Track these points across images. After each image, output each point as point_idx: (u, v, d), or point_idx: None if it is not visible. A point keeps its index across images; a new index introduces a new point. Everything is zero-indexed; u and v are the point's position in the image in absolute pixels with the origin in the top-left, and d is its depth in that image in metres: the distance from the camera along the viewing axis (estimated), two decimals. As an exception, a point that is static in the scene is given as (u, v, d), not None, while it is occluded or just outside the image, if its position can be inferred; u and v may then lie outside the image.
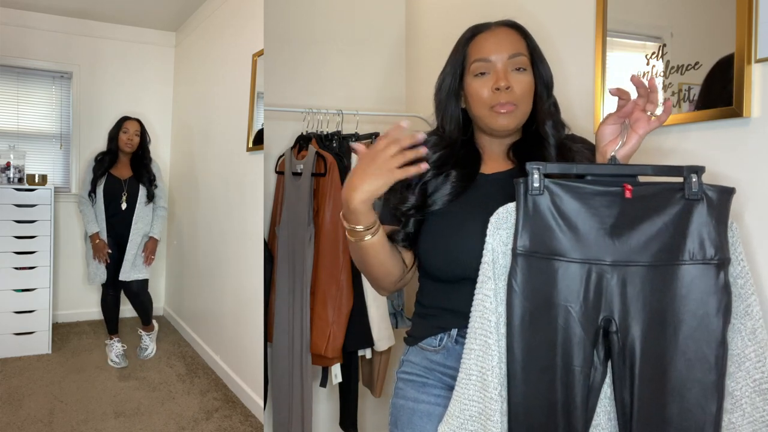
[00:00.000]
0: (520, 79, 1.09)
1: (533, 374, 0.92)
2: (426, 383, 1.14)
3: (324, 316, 2.05)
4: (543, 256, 0.92)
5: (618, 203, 0.92)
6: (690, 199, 0.92)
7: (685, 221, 0.91)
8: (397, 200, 1.14)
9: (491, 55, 1.09)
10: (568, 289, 0.91)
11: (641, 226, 0.91)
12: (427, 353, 1.14)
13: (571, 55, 1.62)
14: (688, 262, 0.91)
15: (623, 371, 0.92)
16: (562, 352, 0.91)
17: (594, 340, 0.91)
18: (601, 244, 0.91)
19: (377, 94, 2.63)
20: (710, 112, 1.22)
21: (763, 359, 0.92)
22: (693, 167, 0.93)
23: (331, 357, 2.07)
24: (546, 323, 0.92)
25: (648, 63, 1.37)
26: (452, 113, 1.16)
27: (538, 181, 0.92)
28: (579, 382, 0.91)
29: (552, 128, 1.13)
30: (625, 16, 1.44)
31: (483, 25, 1.15)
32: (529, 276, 0.92)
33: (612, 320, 0.91)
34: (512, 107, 1.08)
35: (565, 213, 0.92)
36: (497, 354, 0.93)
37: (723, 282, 0.91)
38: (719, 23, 1.19)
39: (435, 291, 1.14)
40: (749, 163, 1.16)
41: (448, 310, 1.11)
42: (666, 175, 0.96)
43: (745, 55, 1.14)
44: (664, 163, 1.34)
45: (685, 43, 1.29)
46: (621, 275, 0.91)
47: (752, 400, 0.93)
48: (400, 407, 1.16)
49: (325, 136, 2.23)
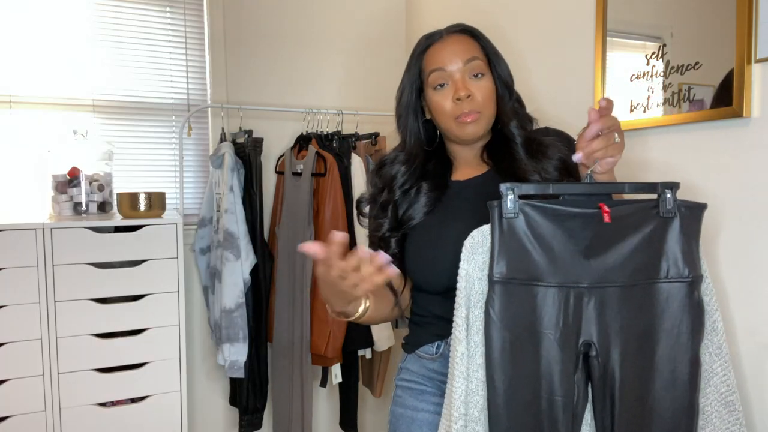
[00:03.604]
0: (479, 85, 1.08)
1: (517, 409, 0.89)
2: (424, 391, 1.13)
3: (324, 316, 2.06)
4: (521, 282, 0.89)
5: (593, 224, 0.89)
6: (664, 217, 0.90)
7: (660, 239, 0.90)
8: (372, 228, 1.14)
9: (447, 65, 1.08)
10: (547, 315, 0.88)
11: (617, 246, 0.89)
12: (425, 361, 1.14)
13: (571, 55, 1.62)
14: (664, 280, 0.89)
15: (603, 394, 0.90)
16: (546, 383, 0.89)
17: (575, 367, 0.89)
18: (577, 266, 0.89)
19: (377, 94, 2.63)
20: (710, 112, 1.22)
21: (728, 372, 0.92)
22: (668, 183, 0.90)
23: (331, 357, 2.07)
24: (527, 353, 0.89)
25: (648, 63, 1.37)
26: (411, 128, 1.15)
27: (512, 203, 0.89)
28: (563, 413, 0.89)
29: (516, 127, 1.11)
30: (625, 16, 1.44)
31: (435, 33, 1.13)
32: (507, 303, 0.89)
33: (592, 344, 0.89)
34: (476, 115, 1.07)
35: (541, 235, 0.89)
36: (463, 386, 0.90)
37: (697, 299, 0.90)
38: (719, 23, 1.19)
39: (427, 300, 1.13)
40: (749, 163, 1.16)
41: (443, 318, 1.10)
42: (642, 192, 0.94)
43: (745, 55, 1.14)
44: (663, 163, 1.34)
45: (685, 43, 1.28)
46: (598, 297, 0.88)
47: (719, 413, 0.93)
48: (399, 416, 1.16)
49: (325, 136, 2.24)
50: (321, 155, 2.12)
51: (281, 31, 2.45)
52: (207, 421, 2.42)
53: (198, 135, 2.37)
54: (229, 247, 2.06)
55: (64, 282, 1.76)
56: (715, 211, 1.22)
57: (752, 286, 1.17)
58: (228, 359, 2.06)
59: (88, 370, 1.81)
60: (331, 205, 2.08)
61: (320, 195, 2.11)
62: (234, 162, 2.10)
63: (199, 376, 2.39)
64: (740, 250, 1.19)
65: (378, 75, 2.65)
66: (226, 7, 2.34)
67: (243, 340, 2.07)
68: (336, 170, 2.10)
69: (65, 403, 1.79)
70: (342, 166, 2.14)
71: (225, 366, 2.08)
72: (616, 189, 0.95)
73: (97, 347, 1.81)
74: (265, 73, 2.43)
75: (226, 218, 2.07)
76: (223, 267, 2.06)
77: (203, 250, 2.30)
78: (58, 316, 1.76)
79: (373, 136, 2.33)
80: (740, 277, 1.19)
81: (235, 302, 2.06)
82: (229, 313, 2.05)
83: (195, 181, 2.39)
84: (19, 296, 1.72)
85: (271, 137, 2.40)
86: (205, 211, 2.27)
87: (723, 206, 1.21)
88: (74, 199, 1.96)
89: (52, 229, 1.75)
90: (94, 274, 1.80)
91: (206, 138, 2.39)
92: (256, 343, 2.18)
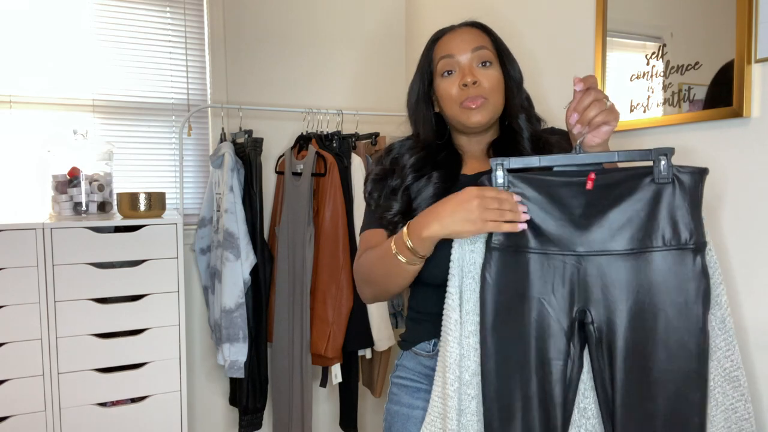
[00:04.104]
0: (486, 73, 1.09)
1: (508, 369, 0.91)
2: (420, 388, 1.13)
3: (324, 316, 2.06)
4: (516, 249, 0.92)
5: (583, 193, 0.90)
6: (660, 183, 0.89)
7: (655, 206, 0.89)
8: (382, 208, 1.13)
9: (455, 53, 1.09)
10: (542, 281, 0.91)
11: (610, 213, 0.89)
12: (421, 358, 1.14)
13: (571, 55, 1.62)
14: (662, 248, 0.88)
15: (602, 363, 0.90)
16: (537, 346, 0.90)
17: (570, 333, 0.90)
18: (571, 235, 0.90)
19: (377, 94, 2.63)
20: (710, 112, 1.22)
21: (732, 347, 0.91)
22: (662, 149, 0.89)
23: (331, 357, 2.07)
24: (520, 316, 0.91)
25: (648, 63, 1.37)
26: (425, 116, 1.16)
27: (502, 177, 0.92)
28: (555, 375, 0.90)
29: (525, 121, 1.12)
30: (625, 16, 1.44)
31: (446, 27, 1.15)
32: (502, 269, 0.92)
33: (587, 311, 0.90)
34: (482, 101, 1.08)
35: (533, 206, 0.92)
36: (457, 351, 0.93)
37: (700, 267, 0.88)
38: (719, 23, 1.19)
39: (426, 295, 1.13)
40: (749, 163, 1.16)
41: (440, 315, 1.10)
42: (635, 159, 0.93)
43: (745, 55, 1.14)
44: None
45: (685, 43, 1.28)
46: (594, 265, 0.90)
47: (723, 388, 0.91)
48: (395, 413, 1.16)
49: (325, 136, 2.24)
50: (321, 155, 2.12)
51: (281, 31, 2.45)
52: (207, 421, 2.42)
53: (198, 135, 2.37)
54: (229, 247, 2.06)
55: (64, 282, 1.76)
56: (715, 210, 1.22)
57: (752, 284, 1.17)
58: (228, 359, 2.06)
59: (88, 370, 1.81)
60: (331, 205, 2.08)
61: (320, 195, 2.11)
62: (234, 162, 2.10)
63: (199, 376, 2.40)
64: (740, 250, 1.19)
65: (378, 75, 2.65)
66: (226, 7, 2.35)
67: (243, 340, 2.07)
68: (336, 170, 2.10)
69: (65, 403, 1.79)
70: (342, 166, 2.14)
71: (225, 366, 2.08)
72: (607, 158, 0.93)
73: (97, 347, 1.81)
74: (265, 73, 2.43)
75: (226, 218, 2.07)
76: (223, 267, 2.06)
77: (203, 250, 2.30)
78: (58, 316, 1.76)
79: (373, 136, 2.33)
80: (741, 276, 1.19)
81: (235, 302, 2.06)
82: (229, 313, 2.05)
83: (195, 181, 2.39)
84: (19, 296, 1.72)
85: (271, 137, 2.40)
86: (205, 211, 2.27)
87: (723, 206, 1.21)
88: (74, 199, 1.96)
89: (52, 229, 1.75)
90: (94, 274, 1.80)
91: (206, 138, 2.39)
92: (256, 343, 2.18)
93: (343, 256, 2.08)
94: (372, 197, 1.17)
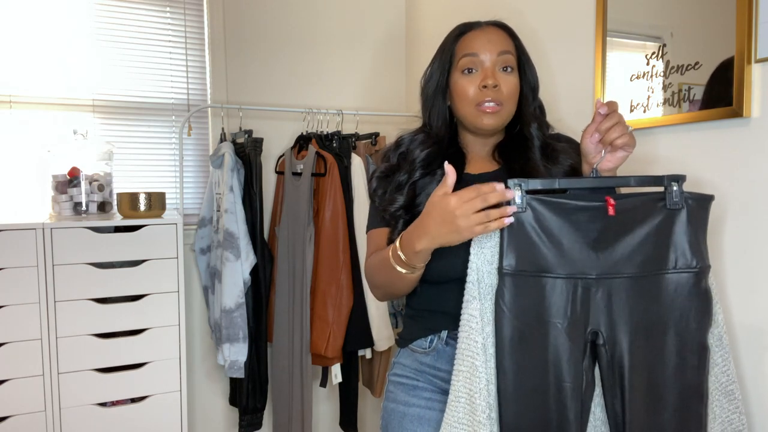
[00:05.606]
0: (507, 79, 1.09)
1: (525, 394, 0.91)
2: (416, 386, 1.13)
3: (324, 316, 2.06)
4: (530, 274, 0.91)
5: (601, 217, 0.91)
6: (671, 209, 0.92)
7: (667, 231, 0.92)
8: (385, 202, 1.13)
9: (480, 52, 1.08)
10: (556, 305, 0.91)
11: (625, 238, 0.91)
12: (418, 355, 1.14)
13: (571, 55, 1.62)
14: (672, 271, 0.92)
15: (612, 381, 0.92)
16: (554, 370, 0.91)
17: (583, 355, 0.91)
18: (585, 258, 0.91)
19: (377, 94, 2.63)
20: (710, 112, 1.22)
21: (728, 363, 0.95)
22: (674, 176, 0.92)
23: (331, 357, 2.07)
24: (536, 342, 0.91)
25: (648, 63, 1.37)
26: (440, 110, 1.15)
27: (520, 198, 0.91)
28: (571, 399, 0.91)
29: (537, 130, 1.12)
30: (625, 16, 1.44)
31: (473, 23, 1.14)
32: (517, 295, 0.91)
33: (599, 333, 0.91)
34: (497, 107, 1.07)
35: (549, 229, 0.91)
36: (485, 376, 0.92)
37: (704, 288, 0.92)
38: (719, 23, 1.19)
39: (424, 292, 1.13)
40: (749, 163, 1.16)
41: (437, 311, 1.10)
42: (648, 185, 0.96)
43: (745, 55, 1.14)
44: (664, 163, 1.34)
45: (685, 43, 1.28)
46: (606, 288, 0.91)
47: (720, 402, 0.96)
48: (391, 411, 1.16)
49: (325, 136, 2.24)
50: (321, 155, 2.12)
51: (281, 31, 2.45)
52: (207, 421, 2.42)
53: (198, 135, 2.37)
54: (229, 247, 2.06)
55: (64, 282, 1.76)
56: (715, 211, 1.22)
57: (752, 284, 1.17)
58: (228, 359, 2.06)
59: (88, 370, 1.81)
60: (331, 205, 2.08)
61: (320, 195, 2.11)
62: (234, 162, 2.10)
63: (199, 376, 2.39)
64: (740, 250, 1.19)
65: (378, 75, 2.65)
66: (226, 7, 2.35)
67: (243, 340, 2.07)
68: (336, 170, 2.10)
69: (65, 403, 1.79)
70: (342, 166, 2.14)
71: (225, 366, 2.08)
72: (622, 182, 0.96)
73: (97, 347, 1.81)
74: (265, 73, 2.43)
75: (226, 218, 2.07)
76: (223, 267, 2.06)
77: (203, 250, 2.30)
78: (58, 316, 1.76)
79: (373, 136, 2.33)
80: (741, 276, 1.19)
81: (235, 302, 2.06)
82: (229, 313, 2.05)
83: (195, 181, 2.39)
84: (19, 296, 1.72)
85: (271, 137, 2.40)
86: (205, 211, 2.27)
87: (723, 206, 1.21)
88: (74, 199, 1.96)
89: (52, 229, 1.75)
90: (94, 274, 1.80)
91: (206, 138, 2.39)
92: (256, 343, 2.18)
93: (343, 256, 2.08)
94: (376, 194, 1.17)
